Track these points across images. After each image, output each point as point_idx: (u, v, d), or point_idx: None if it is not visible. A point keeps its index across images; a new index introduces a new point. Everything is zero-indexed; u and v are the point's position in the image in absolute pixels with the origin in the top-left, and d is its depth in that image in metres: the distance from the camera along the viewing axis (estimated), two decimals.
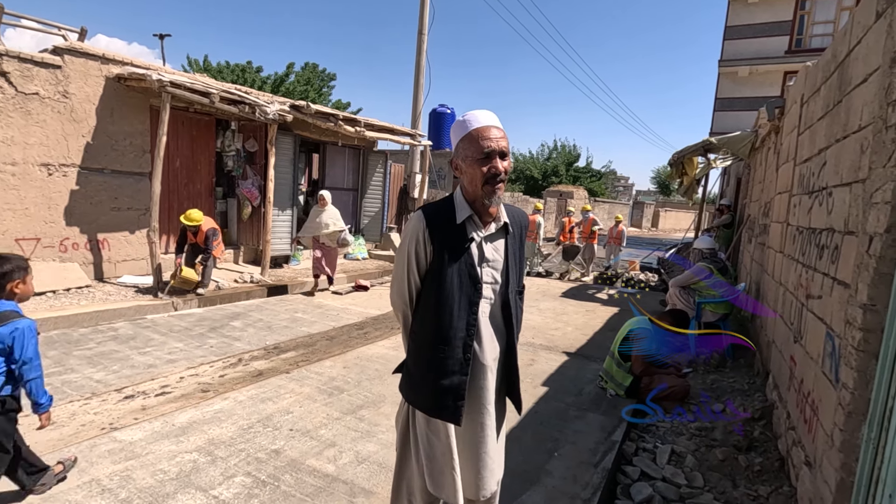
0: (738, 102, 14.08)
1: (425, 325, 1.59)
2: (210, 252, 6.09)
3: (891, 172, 1.78)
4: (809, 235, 3.01)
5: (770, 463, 2.88)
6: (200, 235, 6.08)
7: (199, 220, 6.01)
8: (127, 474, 2.44)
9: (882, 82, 1.92)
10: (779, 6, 13.51)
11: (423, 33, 11.27)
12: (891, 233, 1.76)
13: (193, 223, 5.96)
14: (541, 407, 3.60)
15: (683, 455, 3.03)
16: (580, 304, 7.68)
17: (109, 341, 4.52)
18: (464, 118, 1.55)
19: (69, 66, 5.74)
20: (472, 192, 1.54)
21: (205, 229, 6.07)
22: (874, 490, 1.76)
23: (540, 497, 2.46)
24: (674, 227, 38.92)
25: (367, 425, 3.13)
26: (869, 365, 1.84)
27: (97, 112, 6.04)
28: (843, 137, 2.47)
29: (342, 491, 2.42)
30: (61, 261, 5.88)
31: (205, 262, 6.06)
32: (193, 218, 5.97)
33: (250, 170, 8.02)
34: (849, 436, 1.90)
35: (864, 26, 2.28)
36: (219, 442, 2.81)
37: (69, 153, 5.84)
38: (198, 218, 5.99)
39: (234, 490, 2.37)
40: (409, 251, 1.58)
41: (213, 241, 6.10)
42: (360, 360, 4.36)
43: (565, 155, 32.56)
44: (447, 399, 1.53)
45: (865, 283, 1.87)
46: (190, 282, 5.92)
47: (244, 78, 20.31)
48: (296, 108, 7.59)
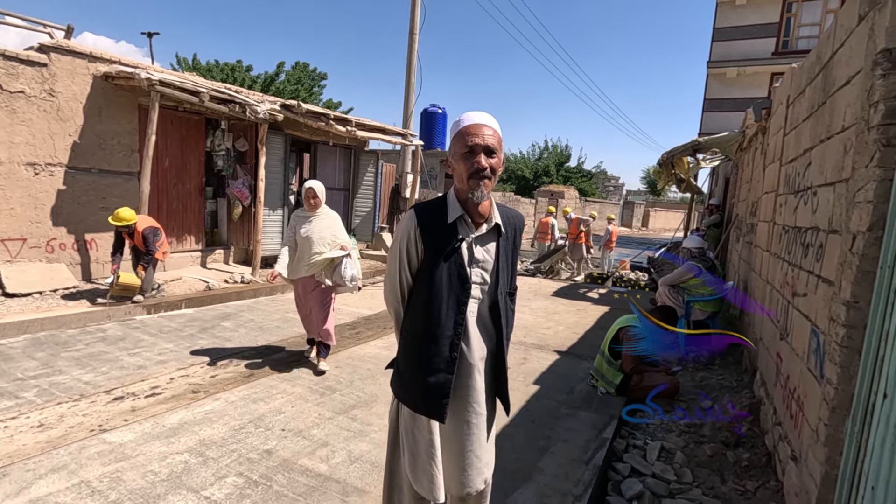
0: (726, 103, 14.25)
1: (414, 323, 1.61)
2: (151, 254, 5.52)
3: (873, 172, 1.82)
4: (795, 234, 3.07)
5: (757, 458, 2.93)
6: (137, 237, 5.45)
7: (130, 219, 5.33)
8: (117, 476, 2.42)
9: (864, 84, 1.97)
10: (766, 8, 13.69)
11: (414, 33, 11.27)
12: (873, 231, 1.80)
13: (123, 223, 5.30)
14: (532, 405, 3.62)
15: (673, 451, 3.07)
16: (571, 304, 7.73)
17: (98, 342, 4.47)
18: (458, 118, 1.56)
19: (55, 65, 5.66)
20: (461, 190, 1.55)
21: (140, 230, 5.43)
22: (857, 483, 1.80)
23: (532, 494, 2.48)
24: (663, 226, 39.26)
25: (359, 425, 3.13)
26: (852, 361, 1.88)
27: (84, 111, 5.97)
28: (828, 138, 2.52)
29: (335, 490, 2.42)
30: (48, 261, 5.80)
31: (146, 265, 5.52)
32: (122, 217, 5.30)
33: (240, 169, 7.97)
34: (833, 430, 1.94)
35: (847, 29, 2.32)
36: (210, 443, 2.79)
37: (56, 152, 5.77)
38: (127, 217, 5.31)
39: (226, 490, 2.36)
40: (400, 249, 1.59)
41: (155, 241, 5.53)
42: (353, 360, 4.36)
43: (556, 155, 32.70)
44: (432, 396, 1.55)
45: (849, 281, 1.92)
46: (131, 287, 5.46)
47: (234, 77, 20.15)
48: (286, 108, 7.56)
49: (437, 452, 1.59)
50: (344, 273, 3.92)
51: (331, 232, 3.94)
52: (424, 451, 1.58)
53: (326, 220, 3.96)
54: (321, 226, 3.91)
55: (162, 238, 5.74)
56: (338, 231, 3.99)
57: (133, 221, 5.37)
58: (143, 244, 5.48)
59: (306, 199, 3.89)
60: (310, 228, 3.89)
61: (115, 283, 5.35)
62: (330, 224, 3.97)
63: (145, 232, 5.46)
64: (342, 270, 3.92)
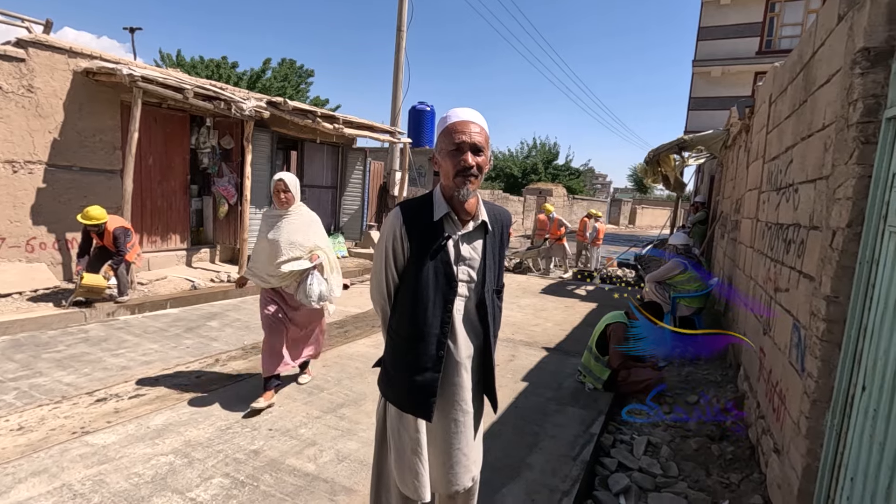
0: (711, 102, 14.43)
1: (401, 321, 1.60)
2: (122, 255, 5.29)
3: (852, 170, 1.85)
4: (777, 231, 3.11)
5: (741, 451, 2.98)
6: (107, 237, 5.25)
7: (101, 218, 5.13)
8: (100, 479, 2.38)
9: (844, 83, 2.00)
10: (750, 8, 13.88)
11: (401, 30, 11.22)
12: (852, 227, 1.84)
13: (92, 221, 5.09)
14: (521, 402, 3.64)
15: (659, 446, 3.11)
16: (559, 301, 7.77)
17: (80, 343, 4.39)
18: (446, 115, 1.55)
19: (34, 60, 5.54)
20: (448, 187, 1.54)
21: (111, 229, 5.23)
22: (837, 474, 1.84)
23: (520, 490, 2.50)
24: (650, 223, 39.66)
25: (347, 423, 3.12)
26: (832, 354, 1.92)
27: (65, 107, 5.84)
28: (809, 136, 2.56)
29: (323, 489, 2.41)
30: (28, 261, 5.68)
31: (115, 266, 5.27)
32: (92, 216, 5.09)
33: (226, 167, 7.88)
34: (814, 423, 1.98)
35: (828, 29, 2.36)
36: (196, 443, 2.76)
37: (35, 150, 5.64)
38: (98, 216, 5.11)
39: (213, 491, 2.34)
40: (386, 247, 1.58)
41: (126, 242, 5.31)
42: (341, 359, 4.34)
43: (544, 153, 32.82)
44: (419, 395, 1.55)
45: (829, 276, 1.95)
46: (96, 289, 5.14)
47: (219, 73, 19.87)
48: (273, 105, 7.48)
49: (423, 451, 1.58)
50: (309, 291, 3.20)
51: (304, 235, 3.26)
52: (411, 450, 1.58)
53: (299, 221, 3.28)
54: (292, 227, 3.24)
55: (133, 239, 5.55)
56: (312, 234, 3.31)
57: (104, 220, 5.17)
58: (113, 244, 5.28)
59: (276, 195, 3.23)
60: (278, 230, 3.22)
61: (79, 284, 5.06)
62: (304, 225, 3.29)
63: (116, 232, 5.25)
64: (307, 287, 3.21)
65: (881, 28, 1.77)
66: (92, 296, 5.22)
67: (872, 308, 1.71)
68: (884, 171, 1.72)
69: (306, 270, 3.24)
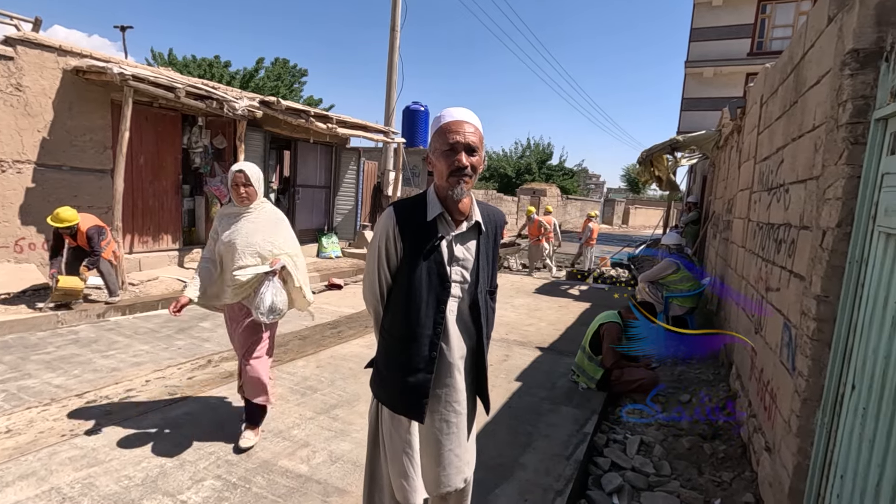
0: (703, 102, 14.52)
1: (394, 322, 1.59)
2: (98, 255, 5.13)
3: (842, 170, 1.87)
4: (768, 230, 3.14)
5: (733, 450, 2.99)
6: (81, 237, 5.09)
7: (72, 219, 4.95)
8: (90, 481, 2.35)
9: (833, 84, 2.02)
10: (741, 10, 13.99)
11: (395, 30, 11.20)
12: (842, 227, 1.85)
13: (63, 224, 4.91)
14: (515, 401, 3.64)
15: (652, 445, 3.12)
16: (553, 300, 7.79)
17: (70, 345, 4.34)
18: (440, 114, 1.54)
19: (22, 58, 5.47)
20: (441, 187, 1.54)
21: (84, 229, 5.08)
22: (827, 473, 1.85)
23: (514, 490, 2.50)
24: (643, 223, 39.88)
25: (341, 424, 3.10)
26: (822, 353, 1.93)
27: (54, 106, 5.78)
28: (799, 136, 2.58)
29: (315, 491, 2.39)
30: (17, 262, 5.61)
31: (91, 266, 5.14)
32: (62, 217, 4.90)
33: (219, 167, 7.83)
34: (804, 421, 1.99)
35: (818, 30, 2.38)
36: (187, 445, 2.74)
37: (24, 149, 5.58)
38: (69, 217, 4.93)
39: (204, 494, 2.32)
40: (379, 248, 1.57)
41: (101, 241, 5.16)
42: (334, 359, 4.32)
43: (538, 153, 32.93)
44: (411, 396, 1.54)
45: (819, 276, 1.97)
46: (73, 291, 4.99)
47: (212, 73, 19.75)
48: (266, 104, 7.45)
49: (414, 454, 1.57)
50: (259, 300, 2.63)
51: (265, 236, 2.74)
52: (403, 453, 1.57)
53: (262, 220, 2.77)
54: (251, 228, 2.72)
55: (108, 237, 5.40)
56: (276, 236, 2.79)
57: (75, 222, 4.99)
58: (87, 244, 5.13)
59: (234, 189, 2.71)
60: (235, 231, 2.70)
61: (55, 287, 4.90)
62: (266, 225, 2.77)
63: (90, 231, 5.10)
64: (260, 295, 2.64)
65: (870, 30, 1.79)
66: (69, 298, 5.07)
67: (862, 307, 1.72)
68: (872, 172, 1.73)
69: (264, 276, 2.70)
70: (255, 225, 2.74)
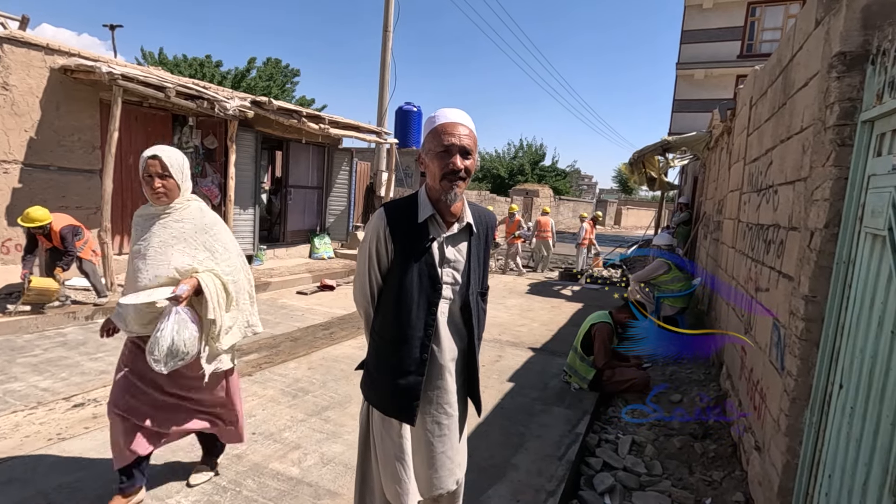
0: (694, 104, 14.65)
1: (384, 324, 1.58)
2: (72, 255, 4.99)
3: (829, 171, 1.89)
4: (758, 231, 3.16)
5: (724, 449, 3.02)
6: (55, 237, 4.92)
7: (43, 219, 4.75)
8: (77, 486, 2.32)
9: (821, 86, 2.04)
10: (731, 12, 14.13)
11: (388, 30, 11.18)
12: (829, 228, 1.87)
13: (34, 223, 4.72)
14: (507, 402, 3.64)
15: (643, 445, 3.14)
16: (546, 301, 7.81)
17: (58, 347, 4.29)
18: (434, 114, 1.53)
19: (9, 57, 5.40)
20: (433, 189, 1.53)
21: (58, 229, 4.90)
22: (816, 471, 1.87)
23: (506, 491, 2.50)
24: (635, 224, 40.11)
25: (332, 426, 3.09)
26: (811, 353, 1.95)
27: (41, 105, 5.71)
28: (788, 138, 2.60)
29: (307, 494, 2.38)
30: (3, 263, 5.53)
31: (65, 267, 4.98)
32: (33, 217, 4.71)
33: (210, 167, 7.77)
34: (793, 420, 2.01)
35: (806, 33, 2.40)
36: (176, 448, 2.71)
37: (10, 149, 5.50)
38: (39, 217, 4.73)
39: (193, 497, 2.29)
40: (370, 249, 1.56)
41: (76, 241, 5.01)
42: (326, 361, 4.30)
43: (531, 154, 33.04)
44: (402, 399, 1.53)
45: (807, 276, 1.98)
46: (46, 292, 4.86)
47: (203, 72, 19.61)
48: (257, 104, 7.40)
49: (406, 457, 1.56)
50: (155, 339, 1.94)
51: (184, 248, 2.08)
52: (394, 456, 1.56)
53: (184, 226, 2.10)
54: (167, 236, 2.06)
55: (86, 236, 5.23)
56: (199, 248, 2.11)
57: (47, 222, 4.79)
58: (61, 244, 4.97)
59: (146, 183, 2.06)
60: (148, 239, 2.06)
61: (27, 288, 4.76)
62: (190, 233, 2.11)
63: (63, 231, 4.92)
64: (156, 333, 1.95)
65: (856, 33, 1.81)
66: (42, 300, 4.91)
67: (849, 307, 1.74)
68: (859, 174, 1.75)
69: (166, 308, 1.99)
70: (172, 232, 2.08)
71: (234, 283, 2.20)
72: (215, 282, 2.13)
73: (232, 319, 2.21)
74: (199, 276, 2.08)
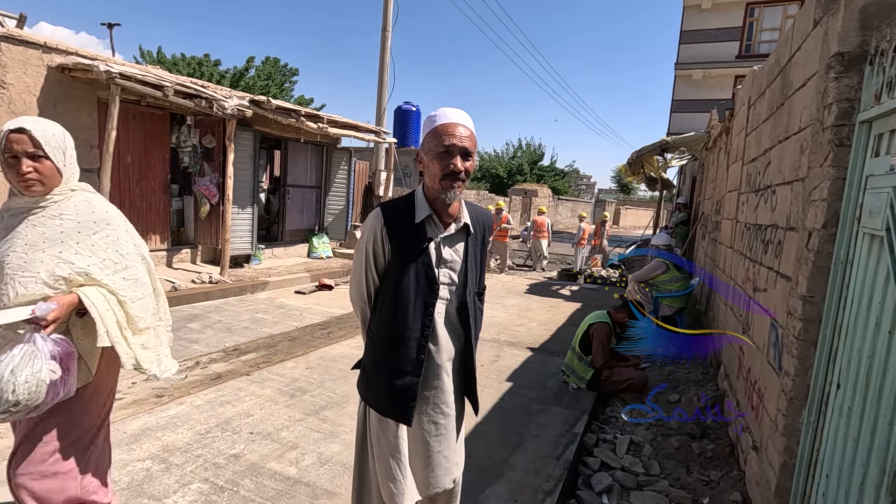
0: (692, 104, 14.66)
1: (381, 324, 1.58)
2: None
3: (827, 172, 1.89)
4: (756, 231, 3.17)
5: (721, 449, 3.02)
6: None
7: None
8: None
9: (819, 86, 2.04)
10: (730, 13, 14.15)
11: (387, 30, 11.17)
12: (827, 228, 1.87)
13: None
14: (505, 402, 3.64)
15: (641, 444, 3.14)
16: (544, 300, 7.81)
17: None
18: (434, 113, 1.52)
19: (6, 55, 5.37)
20: (432, 189, 1.52)
21: None
22: (813, 471, 1.87)
23: (504, 490, 2.49)
24: (634, 224, 40.17)
25: (330, 426, 3.08)
26: (808, 353, 1.95)
27: (39, 104, 5.68)
28: (786, 138, 2.60)
29: (304, 493, 2.37)
30: None
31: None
32: None
33: (208, 166, 7.75)
34: (791, 420, 2.01)
35: (804, 33, 2.41)
36: (174, 448, 2.70)
37: None
38: None
39: (191, 497, 2.29)
40: (366, 249, 1.56)
41: None
42: (324, 361, 4.29)
43: (530, 154, 33.04)
44: (399, 399, 1.53)
45: (805, 276, 1.99)
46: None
47: (201, 71, 19.57)
48: (256, 104, 7.38)
49: (402, 457, 1.56)
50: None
51: (60, 251, 1.57)
52: (391, 456, 1.56)
53: (60, 223, 1.59)
54: (38, 234, 1.56)
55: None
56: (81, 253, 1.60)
57: None
58: None
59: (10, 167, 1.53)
60: (10, 241, 1.56)
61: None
62: (69, 232, 1.60)
63: None
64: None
65: (854, 33, 1.81)
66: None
67: (847, 308, 1.74)
68: (857, 174, 1.75)
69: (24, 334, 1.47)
70: (45, 231, 1.57)
71: (136, 302, 1.68)
72: (107, 298, 1.59)
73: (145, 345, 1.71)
74: (80, 290, 1.56)
